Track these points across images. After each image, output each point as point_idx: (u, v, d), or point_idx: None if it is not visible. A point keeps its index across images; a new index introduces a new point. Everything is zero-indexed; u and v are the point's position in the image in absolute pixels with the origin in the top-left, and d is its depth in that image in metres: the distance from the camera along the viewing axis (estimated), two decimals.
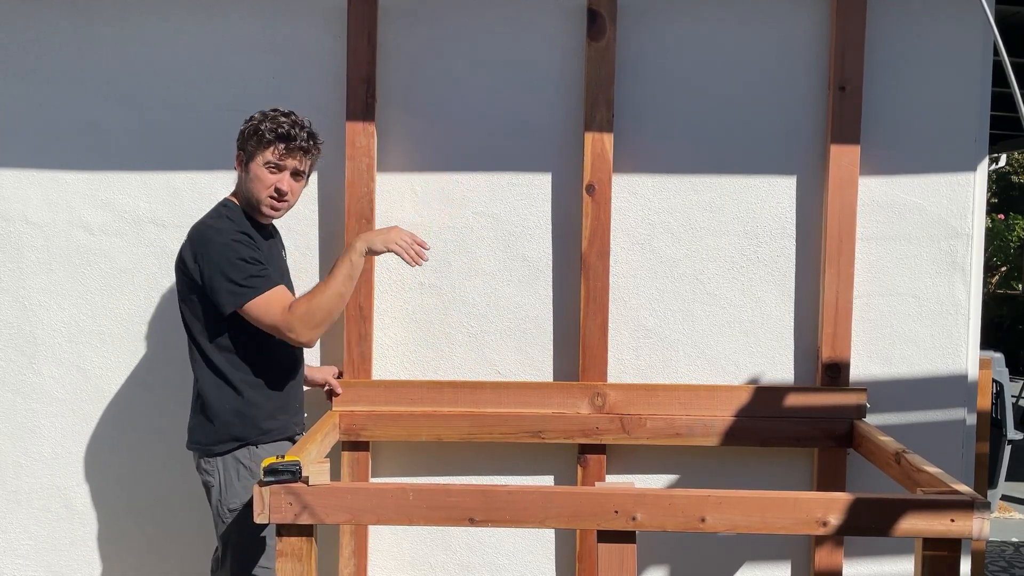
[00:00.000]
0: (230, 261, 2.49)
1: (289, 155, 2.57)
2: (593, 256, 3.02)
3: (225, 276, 2.48)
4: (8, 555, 3.24)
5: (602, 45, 2.97)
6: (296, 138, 2.56)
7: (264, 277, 2.51)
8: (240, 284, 2.48)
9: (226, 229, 2.55)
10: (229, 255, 2.49)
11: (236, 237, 2.53)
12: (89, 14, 3.07)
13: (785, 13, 3.02)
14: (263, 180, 2.57)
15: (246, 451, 2.60)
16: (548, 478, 3.16)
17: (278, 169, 2.58)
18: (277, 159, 2.56)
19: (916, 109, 3.02)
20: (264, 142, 2.55)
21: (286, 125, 2.56)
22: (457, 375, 3.13)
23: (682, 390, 3.03)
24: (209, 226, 2.57)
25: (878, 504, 2.25)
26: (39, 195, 3.13)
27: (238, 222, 2.59)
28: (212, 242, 2.52)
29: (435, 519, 2.30)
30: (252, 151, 2.57)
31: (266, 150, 2.55)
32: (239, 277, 2.48)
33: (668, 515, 2.27)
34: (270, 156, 2.56)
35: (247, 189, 2.61)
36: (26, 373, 3.19)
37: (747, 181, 3.07)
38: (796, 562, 3.16)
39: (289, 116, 2.59)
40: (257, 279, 2.50)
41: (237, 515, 2.59)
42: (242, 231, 2.57)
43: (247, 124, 2.60)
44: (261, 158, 2.56)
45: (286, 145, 2.56)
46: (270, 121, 2.56)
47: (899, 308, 3.08)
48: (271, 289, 2.50)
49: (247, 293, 2.49)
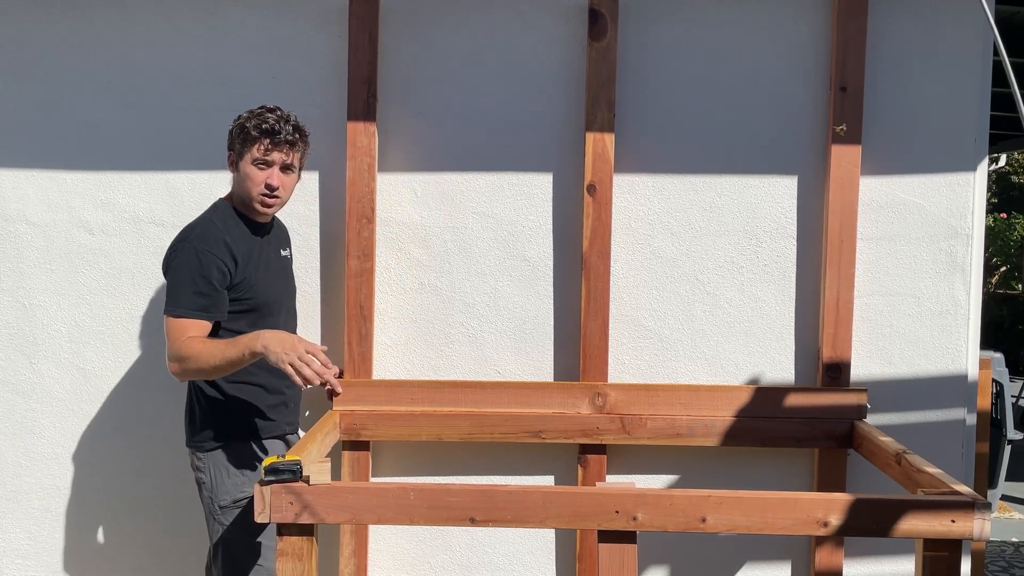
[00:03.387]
0: (188, 270, 2.51)
1: (275, 149, 2.58)
2: (594, 256, 3.01)
3: (175, 281, 2.52)
4: (8, 555, 3.24)
5: (603, 45, 2.97)
6: (281, 131, 2.58)
7: (200, 307, 2.51)
8: (172, 295, 2.52)
9: (205, 237, 2.56)
10: (191, 265, 2.51)
11: (209, 249, 2.53)
12: (89, 14, 3.07)
13: (786, 13, 3.02)
14: (253, 177, 2.59)
15: (236, 448, 2.63)
16: (548, 478, 3.16)
17: (266, 165, 2.59)
18: (263, 155, 2.58)
19: (916, 109, 3.02)
20: (250, 139, 2.57)
21: (271, 120, 2.57)
22: (457, 375, 3.13)
23: (683, 390, 3.03)
24: (192, 228, 2.60)
25: (878, 505, 2.25)
26: (39, 195, 3.13)
27: (225, 226, 2.61)
28: (184, 244, 2.55)
29: (435, 519, 2.30)
30: (240, 149, 2.59)
31: (253, 147, 2.57)
32: (183, 289, 2.51)
33: (668, 515, 2.27)
34: (257, 153, 2.57)
35: (240, 188, 2.63)
36: (26, 373, 3.19)
37: (747, 181, 3.07)
38: (796, 562, 3.16)
39: (274, 111, 2.61)
40: (187, 298, 2.50)
41: (228, 512, 2.62)
42: (223, 239, 2.57)
43: (234, 123, 2.62)
44: (249, 156, 2.58)
45: (271, 140, 2.57)
46: (255, 118, 2.58)
47: (899, 308, 3.08)
48: (193, 319, 2.50)
49: (169, 308, 2.51)
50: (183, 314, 2.49)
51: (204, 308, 2.51)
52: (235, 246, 2.59)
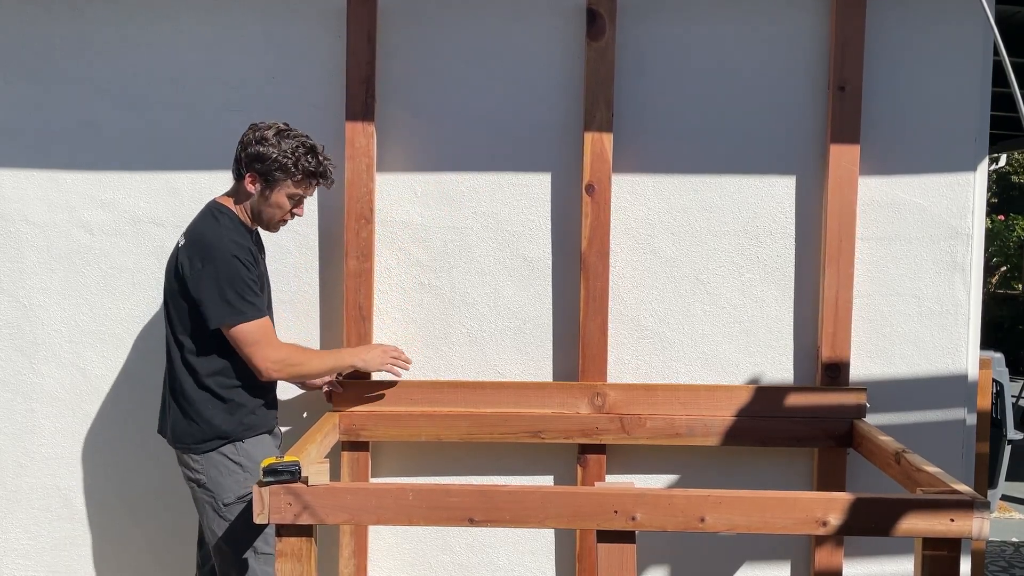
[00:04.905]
0: (229, 279, 2.52)
1: (314, 186, 2.68)
2: (593, 256, 3.01)
3: (220, 292, 2.51)
4: (8, 555, 3.25)
5: (601, 45, 2.97)
6: (327, 176, 2.66)
7: (255, 305, 2.55)
8: (232, 305, 2.52)
9: (230, 242, 2.56)
10: (230, 273, 2.52)
11: (238, 252, 2.55)
12: (89, 14, 3.07)
13: (785, 13, 3.02)
14: (283, 207, 2.65)
15: (232, 447, 2.64)
16: (548, 478, 3.16)
17: (301, 200, 2.67)
18: (303, 192, 2.64)
19: (916, 109, 3.02)
20: (295, 179, 2.60)
21: (314, 164, 2.61)
22: (457, 375, 3.13)
23: (682, 390, 3.03)
24: (214, 234, 2.57)
25: (878, 504, 2.25)
26: (39, 195, 3.13)
27: (237, 233, 2.62)
28: (216, 252, 2.53)
29: (435, 519, 2.30)
30: (277, 180, 2.60)
31: (295, 186, 2.62)
32: (234, 298, 2.51)
33: (668, 515, 2.27)
34: (298, 190, 2.63)
35: (260, 209, 2.65)
36: (26, 373, 3.19)
37: (747, 181, 3.07)
38: (796, 562, 3.16)
39: (317, 150, 2.63)
40: (249, 305, 2.54)
41: (232, 509, 2.62)
42: (242, 244, 2.59)
43: (267, 146, 2.56)
44: (286, 189, 2.62)
45: (316, 182, 2.65)
46: (304, 157, 2.58)
47: (899, 308, 3.08)
48: (258, 319, 2.55)
49: (236, 317, 2.52)
50: (257, 316, 2.54)
51: (259, 306, 2.57)
52: (252, 254, 2.62)
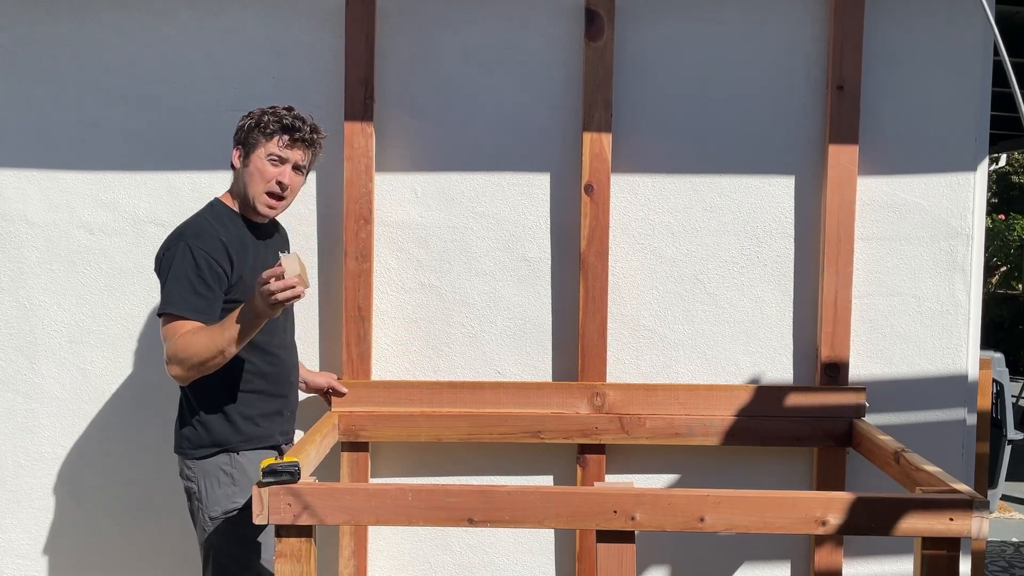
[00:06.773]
0: (183, 269, 2.40)
1: (293, 146, 2.52)
2: (592, 256, 3.02)
3: (169, 280, 2.41)
4: (8, 555, 3.25)
5: (600, 45, 2.97)
6: (300, 129, 2.52)
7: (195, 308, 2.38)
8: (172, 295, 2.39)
9: (201, 235, 2.46)
10: (186, 263, 2.41)
11: (204, 248, 2.43)
12: (90, 14, 3.07)
13: (783, 12, 3.02)
14: (264, 173, 2.51)
15: (227, 457, 2.53)
16: (547, 478, 3.16)
17: (281, 161, 2.52)
18: (280, 150, 2.51)
19: (916, 109, 3.02)
20: (267, 133, 2.50)
21: (288, 118, 2.52)
22: (456, 375, 3.13)
23: (682, 390, 3.03)
24: (185, 224, 2.52)
25: (877, 503, 2.26)
26: (39, 195, 3.14)
27: (221, 225, 2.52)
28: (179, 243, 2.44)
29: (434, 519, 2.30)
30: (253, 143, 2.51)
31: (269, 141, 2.50)
32: (178, 288, 2.39)
33: (667, 515, 2.27)
34: (273, 147, 2.50)
35: (244, 185, 2.54)
36: (26, 373, 3.19)
37: (746, 181, 3.07)
38: (796, 562, 3.16)
39: (290, 110, 2.55)
40: (188, 300, 2.38)
41: (218, 523, 2.52)
42: (212, 234, 2.47)
43: (246, 118, 2.55)
44: (263, 150, 2.50)
45: (290, 136, 2.51)
46: (272, 114, 2.52)
47: (899, 308, 3.08)
48: (189, 320, 2.37)
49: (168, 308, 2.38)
50: (178, 314, 2.37)
51: (200, 309, 2.39)
52: (231, 246, 2.48)
